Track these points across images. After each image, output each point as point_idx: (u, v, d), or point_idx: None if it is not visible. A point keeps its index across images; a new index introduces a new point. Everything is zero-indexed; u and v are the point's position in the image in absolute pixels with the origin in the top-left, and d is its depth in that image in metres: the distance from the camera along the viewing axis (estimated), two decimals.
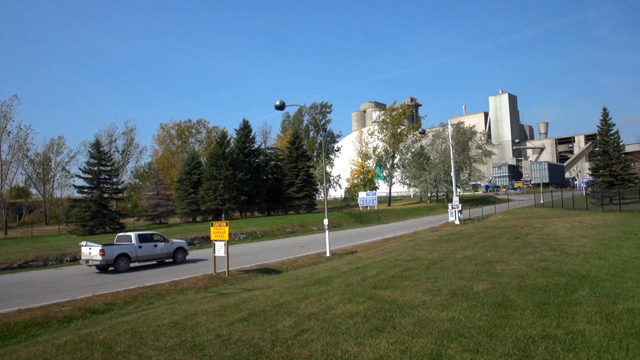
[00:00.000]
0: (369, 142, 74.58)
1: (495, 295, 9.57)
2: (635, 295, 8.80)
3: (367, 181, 69.70)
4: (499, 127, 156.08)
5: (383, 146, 71.40)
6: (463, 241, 20.97)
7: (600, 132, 51.37)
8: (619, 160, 49.17)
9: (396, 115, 69.81)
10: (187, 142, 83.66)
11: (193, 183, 60.65)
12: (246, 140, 61.24)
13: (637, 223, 23.39)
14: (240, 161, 58.20)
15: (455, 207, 38.53)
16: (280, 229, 42.71)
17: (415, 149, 70.18)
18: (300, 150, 64.87)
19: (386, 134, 69.71)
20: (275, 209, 63.09)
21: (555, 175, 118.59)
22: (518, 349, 6.36)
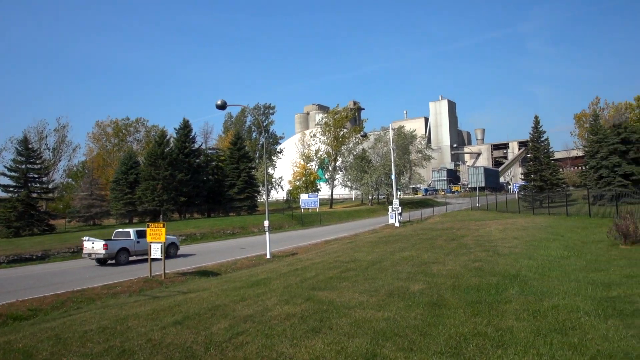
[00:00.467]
0: (311, 144, 74.80)
1: (431, 295, 9.75)
2: (560, 293, 9.20)
3: (309, 183, 69.89)
4: (438, 132, 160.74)
5: (325, 149, 71.78)
6: (401, 243, 21.34)
7: (532, 139, 53.80)
8: (548, 166, 51.67)
9: (339, 118, 70.39)
10: (124, 140, 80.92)
11: (130, 183, 58.68)
12: (186, 140, 59.88)
13: (564, 225, 24.60)
14: (180, 161, 56.87)
15: (395, 210, 39.20)
16: (221, 231, 42.01)
17: (357, 152, 70.97)
18: (242, 151, 64.12)
19: (329, 136, 70.14)
20: (215, 210, 62.01)
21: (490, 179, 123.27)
22: (450, 346, 6.48)
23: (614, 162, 42.06)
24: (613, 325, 6.94)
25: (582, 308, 7.96)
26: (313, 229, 45.75)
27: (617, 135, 42.89)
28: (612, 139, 43.19)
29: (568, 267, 12.22)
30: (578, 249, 15.61)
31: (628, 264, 12.18)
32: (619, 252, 14.30)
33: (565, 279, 10.61)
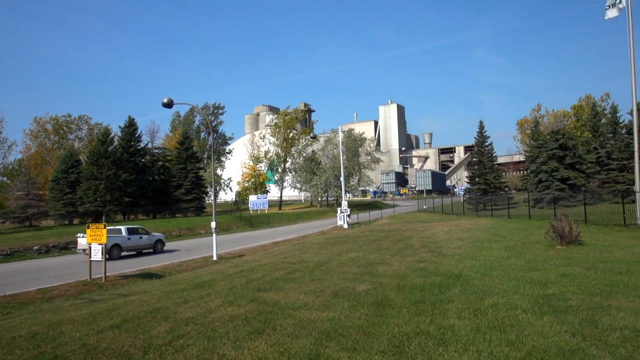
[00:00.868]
0: (261, 145, 74.21)
1: (376, 295, 9.80)
2: (500, 291, 9.45)
3: (258, 185, 69.33)
4: (387, 136, 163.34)
5: (275, 150, 71.37)
6: (349, 244, 21.45)
7: (477, 143, 55.48)
8: (492, 170, 53.42)
9: (289, 120, 70.21)
10: (65, 138, 77.66)
11: (70, 183, 56.29)
12: (132, 138, 58.08)
13: (505, 227, 25.45)
14: (125, 160, 55.12)
15: (344, 212, 39.42)
16: (167, 233, 40.93)
17: (307, 154, 70.99)
18: (190, 151, 62.84)
19: (278, 137, 69.80)
20: (162, 211, 60.46)
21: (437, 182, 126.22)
22: (393, 345, 6.53)
23: (553, 166, 43.91)
24: (548, 322, 7.17)
25: (520, 306, 8.20)
26: (262, 231, 45.40)
27: (555, 142, 44.80)
28: (550, 144, 45.10)
29: (508, 266, 12.60)
30: (518, 249, 16.16)
31: (563, 263, 12.69)
32: (555, 252, 14.89)
33: (505, 278, 10.92)
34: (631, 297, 8.52)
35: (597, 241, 17.40)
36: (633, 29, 23.93)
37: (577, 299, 8.54)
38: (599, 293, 8.91)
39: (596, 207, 31.79)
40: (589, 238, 17.97)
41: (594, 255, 13.98)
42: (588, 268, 11.69)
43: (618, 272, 11.00)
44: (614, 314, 7.43)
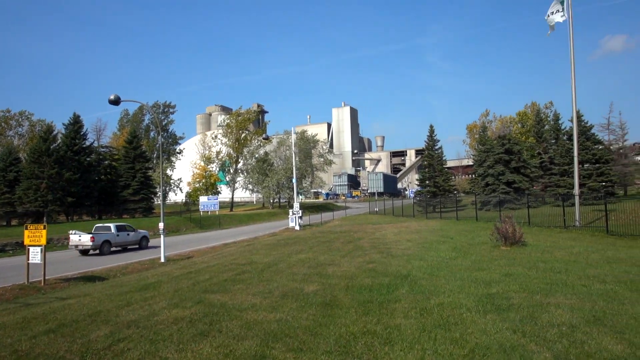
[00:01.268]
0: (212, 145, 73.08)
1: (324, 295, 9.78)
2: (446, 291, 9.62)
3: (209, 185, 68.25)
4: (340, 138, 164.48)
5: (227, 150, 70.49)
6: (299, 245, 21.39)
7: (427, 147, 56.61)
8: (441, 173, 54.63)
9: (241, 120, 69.50)
10: (3, 134, 74.00)
11: (9, 181, 53.56)
12: (76, 136, 55.92)
13: (453, 229, 26.04)
14: (69, 159, 53.00)
15: (295, 213, 39.34)
16: None
17: (259, 155, 70.49)
18: (138, 150, 61.12)
19: (230, 138, 68.96)
20: (108, 212, 58.46)
21: (389, 185, 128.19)
22: (340, 345, 6.51)
23: (499, 170, 45.34)
24: (491, 320, 7.34)
25: (465, 305, 8.36)
26: (212, 232, 44.70)
27: (502, 146, 46.28)
28: (497, 149, 46.55)
29: (455, 267, 12.86)
30: (465, 250, 16.53)
31: (507, 263, 13.07)
32: (499, 253, 15.33)
33: (452, 278, 11.13)
34: (569, 294, 8.84)
35: (539, 242, 18.03)
36: (574, 44, 25.02)
37: (518, 297, 8.78)
38: (539, 291, 9.20)
39: (539, 209, 33.05)
40: (531, 239, 18.59)
41: (536, 255, 14.46)
42: (530, 268, 12.06)
43: (557, 271, 11.41)
44: (552, 311, 7.68)
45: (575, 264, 12.55)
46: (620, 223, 21.64)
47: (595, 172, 41.21)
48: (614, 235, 19.73)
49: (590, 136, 44.52)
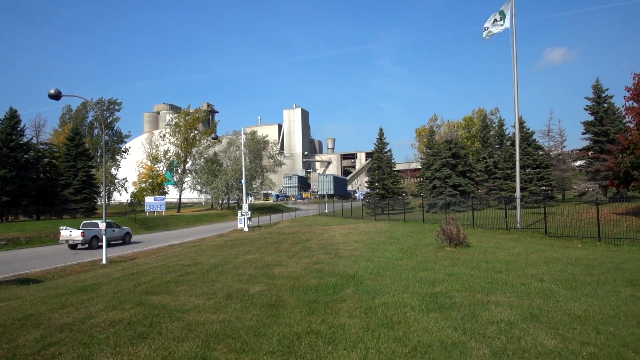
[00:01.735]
0: (160, 145, 71.26)
1: (270, 296, 9.67)
2: (391, 291, 9.69)
3: (156, 186, 66.53)
4: (291, 140, 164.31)
5: (175, 150, 68.91)
6: (247, 246, 21.15)
7: (377, 149, 57.26)
8: (390, 176, 55.40)
9: (191, 120, 68.14)
10: None
11: None
12: (13, 132, 53.03)
13: (401, 230, 26.41)
14: (4, 156, 50.29)
15: (244, 214, 38.88)
16: (51, 235, 37.94)
17: (209, 155, 69.31)
18: (80, 148, 58.72)
19: (179, 137, 67.47)
20: (47, 212, 55.80)
21: (339, 187, 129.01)
22: (283, 345, 6.44)
23: (446, 174, 46.42)
24: (434, 318, 7.43)
25: (409, 304, 8.44)
26: (158, 233, 43.58)
27: (448, 150, 47.42)
28: (444, 153, 47.65)
29: (400, 267, 13.02)
30: (411, 251, 16.76)
31: (451, 263, 13.34)
32: (444, 254, 15.63)
33: (397, 278, 11.24)
34: (508, 293, 9.09)
35: (482, 243, 18.51)
36: (517, 54, 25.94)
37: (461, 296, 8.95)
38: (481, 290, 9.41)
39: (483, 212, 34.04)
40: (475, 240, 19.07)
41: (479, 256, 14.82)
42: (473, 268, 12.35)
43: (498, 271, 11.73)
44: (492, 309, 7.86)
45: (516, 263, 12.94)
46: (558, 225, 22.55)
47: (536, 177, 42.87)
48: (552, 237, 20.51)
49: (531, 142, 46.30)
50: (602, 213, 21.92)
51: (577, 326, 6.74)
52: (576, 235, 19.78)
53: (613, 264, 12.04)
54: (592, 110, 44.46)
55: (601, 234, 18.30)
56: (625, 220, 22.36)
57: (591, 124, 44.38)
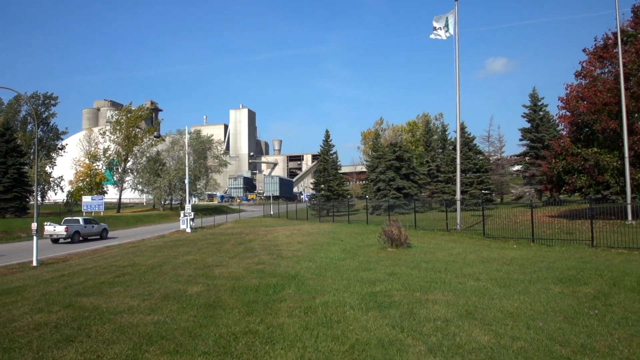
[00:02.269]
0: (100, 142, 68.50)
1: (208, 296, 9.45)
2: (332, 290, 9.68)
3: (94, 185, 63.87)
4: (237, 140, 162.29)
5: (115, 148, 66.45)
6: (188, 247, 20.68)
7: (322, 151, 57.47)
8: (335, 178, 55.75)
9: (132, 117, 65.94)
10: None
11: None
12: None
13: (344, 231, 26.58)
14: None
15: (187, 215, 37.99)
16: None
17: (151, 154, 67.26)
18: (11, 144, 55.41)
19: (120, 135, 65.02)
20: None
21: (285, 189, 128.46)
22: (219, 346, 6.31)
23: (390, 176, 47.19)
24: (372, 317, 7.45)
25: (349, 303, 8.44)
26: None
27: (393, 153, 48.24)
28: (389, 156, 48.44)
29: (342, 267, 13.06)
30: (354, 251, 16.88)
31: (392, 263, 13.50)
32: (386, 254, 15.82)
33: (338, 278, 11.25)
34: (446, 291, 9.26)
35: (423, 244, 18.89)
36: (459, 60, 26.72)
37: (400, 295, 9.04)
38: (420, 289, 9.54)
39: (426, 214, 34.82)
40: (417, 241, 19.43)
41: (419, 256, 15.09)
42: (413, 268, 12.53)
43: (437, 270, 11.96)
44: (430, 307, 7.98)
45: (454, 263, 13.25)
46: (495, 227, 23.35)
47: (476, 180, 44.31)
48: (489, 238, 21.20)
49: (472, 147, 47.85)
50: (537, 216, 22.90)
51: (509, 322, 6.93)
52: (512, 236, 20.52)
53: (545, 263, 12.53)
54: (529, 118, 46.46)
55: (535, 235, 19.06)
56: (557, 222, 23.42)
57: (528, 131, 46.36)
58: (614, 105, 23.53)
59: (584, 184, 24.92)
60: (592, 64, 26.86)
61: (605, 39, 26.73)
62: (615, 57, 24.74)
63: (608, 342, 5.93)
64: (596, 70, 26.64)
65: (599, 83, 25.19)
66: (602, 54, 26.37)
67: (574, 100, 25.90)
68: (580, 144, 26.06)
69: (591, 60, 26.95)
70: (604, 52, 26.27)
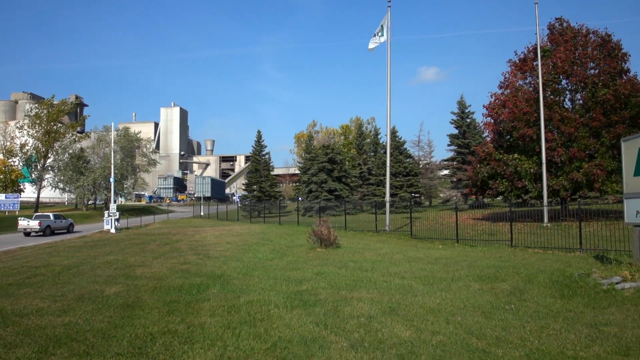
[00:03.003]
0: (16, 137, 64.23)
1: (127, 297, 9.04)
2: (258, 289, 9.51)
3: (9, 182, 59.81)
4: (168, 139, 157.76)
5: (34, 144, 62.49)
6: (110, 247, 19.81)
7: (254, 152, 56.98)
8: (267, 179, 55.42)
9: (54, 111, 62.27)
10: None
11: None
12: None
13: (275, 232, 26.40)
14: None
15: (112, 215, 36.37)
16: None
17: (74, 151, 63.92)
18: None
19: (39, 130, 61.21)
20: None
21: (217, 190, 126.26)
22: (134, 347, 6.03)
23: (322, 178, 47.49)
24: (297, 315, 7.37)
25: (274, 301, 8.32)
26: (9, 235, 39.25)
27: (325, 155, 48.59)
28: (321, 158, 48.74)
29: (270, 267, 12.91)
30: (283, 252, 16.76)
31: (320, 263, 13.49)
32: (315, 254, 15.81)
33: (265, 277, 11.10)
34: (371, 289, 9.33)
35: (352, 244, 19.06)
36: (391, 66, 27.30)
37: (326, 293, 9.02)
38: (345, 287, 9.57)
39: (357, 216, 35.27)
40: (346, 242, 19.57)
41: (348, 256, 15.18)
42: (340, 267, 12.58)
43: (365, 269, 12.06)
44: (354, 304, 7.99)
45: (381, 263, 13.42)
46: (423, 228, 24.01)
47: (406, 184, 45.48)
48: (417, 239, 21.73)
49: (403, 151, 49.12)
50: (462, 218, 23.78)
51: (430, 318, 7.06)
52: (438, 237, 21.14)
53: (467, 262, 12.94)
54: (457, 124, 48.32)
55: (459, 236, 19.73)
56: (481, 224, 24.42)
57: (456, 137, 48.20)
58: (531, 114, 24.86)
59: (505, 188, 26.16)
60: (514, 75, 28.32)
61: (526, 52, 28.25)
62: (534, 69, 26.22)
63: (521, 334, 6.17)
64: (518, 82, 28.09)
65: (520, 93, 26.56)
66: (522, 67, 27.86)
67: (497, 109, 27.15)
68: (502, 150, 27.35)
69: (513, 72, 28.42)
70: (524, 65, 27.76)
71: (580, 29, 26.95)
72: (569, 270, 10.22)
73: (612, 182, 23.42)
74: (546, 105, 24.43)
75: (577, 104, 26.56)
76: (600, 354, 5.31)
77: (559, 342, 5.80)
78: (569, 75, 25.51)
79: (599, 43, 25.90)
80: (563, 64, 25.15)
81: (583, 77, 24.92)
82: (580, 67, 25.28)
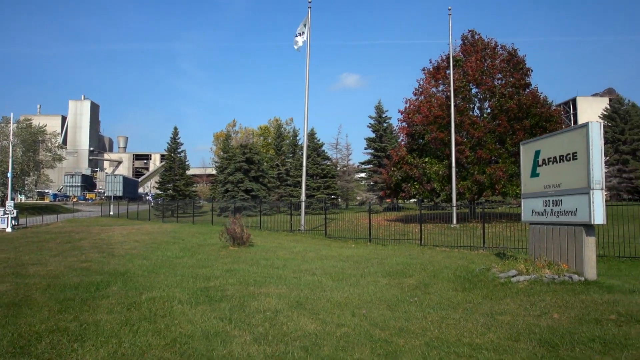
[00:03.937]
0: None
1: (15, 295, 8.38)
2: (162, 286, 9.11)
3: None
4: (77, 134, 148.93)
5: None
6: (3, 245, 18.37)
7: (170, 149, 55.06)
8: (182, 177, 53.81)
9: None
10: None
11: None
12: None
13: (187, 231, 25.63)
14: None
15: (8, 212, 33.73)
16: None
17: None
18: None
19: None
20: None
21: (129, 189, 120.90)
22: (16, 346, 5.56)
23: (239, 178, 46.87)
24: (201, 310, 7.12)
25: (178, 298, 7.99)
26: None
27: (243, 155, 48.01)
28: (239, 157, 48.11)
29: (178, 265, 12.48)
30: (194, 250, 16.29)
31: (231, 261, 13.23)
32: (227, 252, 15.48)
33: (172, 274, 10.71)
34: (280, 285, 9.23)
35: (266, 243, 18.88)
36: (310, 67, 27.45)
37: (234, 289, 8.80)
38: (254, 284, 9.40)
39: (273, 217, 35.10)
40: (260, 241, 19.35)
41: (260, 254, 15.00)
42: (252, 264, 12.38)
43: (276, 267, 11.95)
44: (262, 299, 7.85)
45: (293, 260, 13.37)
46: (337, 229, 24.34)
47: (324, 185, 45.95)
48: (331, 238, 21.95)
49: (321, 153, 49.59)
50: (377, 220, 24.36)
51: (336, 311, 7.05)
52: (352, 237, 21.50)
53: (377, 259, 13.20)
54: (374, 129, 49.58)
55: (372, 236, 20.17)
56: (394, 225, 25.15)
57: (373, 140, 49.43)
58: (443, 118, 26.02)
59: (417, 191, 27.15)
60: (428, 82, 29.51)
61: (440, 61, 29.54)
62: (446, 77, 27.47)
63: (422, 324, 6.31)
64: (432, 89, 29.30)
65: (433, 99, 27.72)
66: (436, 75, 29.11)
67: (412, 114, 28.14)
68: (415, 153, 28.38)
69: (428, 79, 29.60)
70: (437, 73, 29.01)
71: (489, 42, 28.60)
72: (471, 266, 10.67)
73: (513, 185, 25.06)
74: (457, 110, 25.64)
75: (485, 111, 28.15)
76: (494, 340, 5.52)
77: (457, 330, 5.99)
78: (478, 83, 27.01)
79: (506, 57, 27.63)
80: (474, 72, 26.56)
81: (491, 87, 26.49)
82: (488, 77, 26.83)
